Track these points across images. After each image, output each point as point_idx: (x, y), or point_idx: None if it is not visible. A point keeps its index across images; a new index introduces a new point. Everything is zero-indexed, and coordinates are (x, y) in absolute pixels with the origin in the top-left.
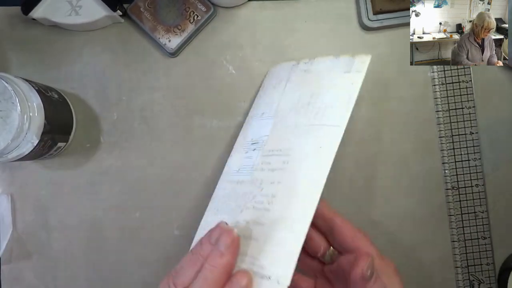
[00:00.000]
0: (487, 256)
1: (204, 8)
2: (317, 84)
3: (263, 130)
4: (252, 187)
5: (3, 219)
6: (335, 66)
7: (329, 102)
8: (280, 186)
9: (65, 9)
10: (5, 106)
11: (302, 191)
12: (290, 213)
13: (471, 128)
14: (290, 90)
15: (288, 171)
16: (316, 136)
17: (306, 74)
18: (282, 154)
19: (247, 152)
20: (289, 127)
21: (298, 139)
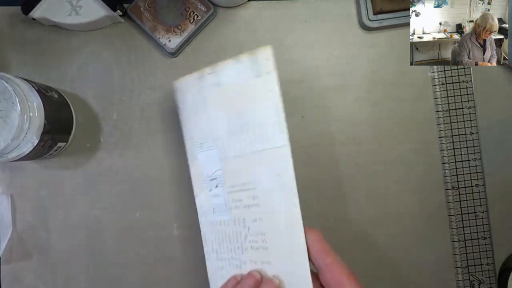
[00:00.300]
0: (487, 256)
1: (204, 8)
2: (238, 102)
3: (213, 164)
4: (238, 227)
5: (3, 219)
6: (242, 72)
7: (260, 120)
8: (263, 223)
9: (65, 9)
10: (5, 106)
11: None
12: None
13: (471, 128)
14: (215, 115)
15: (263, 207)
16: (268, 163)
17: (220, 91)
18: (247, 188)
19: (211, 190)
20: (237, 157)
21: (253, 170)
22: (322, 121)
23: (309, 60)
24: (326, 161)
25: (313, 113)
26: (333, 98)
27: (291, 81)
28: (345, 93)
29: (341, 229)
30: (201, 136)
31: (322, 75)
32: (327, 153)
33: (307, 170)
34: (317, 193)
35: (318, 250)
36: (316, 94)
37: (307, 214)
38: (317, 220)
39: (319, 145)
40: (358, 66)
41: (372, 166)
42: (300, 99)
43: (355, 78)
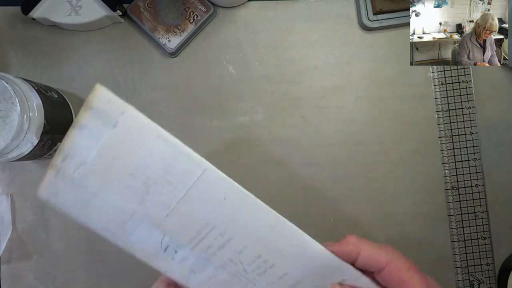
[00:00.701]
0: (487, 256)
1: (204, 8)
2: (119, 165)
3: (152, 237)
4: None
5: (3, 219)
6: (95, 135)
7: (159, 164)
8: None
9: (65, 9)
10: (5, 106)
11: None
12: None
13: (471, 128)
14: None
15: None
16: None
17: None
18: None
19: (173, 258)
20: (170, 214)
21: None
22: (322, 121)
23: (309, 60)
24: (326, 161)
25: (313, 113)
26: (333, 98)
27: (291, 81)
28: (345, 93)
29: (341, 229)
30: (115, 222)
31: (322, 75)
32: (327, 153)
33: (307, 170)
34: (317, 193)
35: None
36: (316, 94)
37: (307, 214)
38: (317, 220)
39: (319, 145)
40: (358, 66)
41: (372, 166)
42: (300, 99)
43: (355, 78)
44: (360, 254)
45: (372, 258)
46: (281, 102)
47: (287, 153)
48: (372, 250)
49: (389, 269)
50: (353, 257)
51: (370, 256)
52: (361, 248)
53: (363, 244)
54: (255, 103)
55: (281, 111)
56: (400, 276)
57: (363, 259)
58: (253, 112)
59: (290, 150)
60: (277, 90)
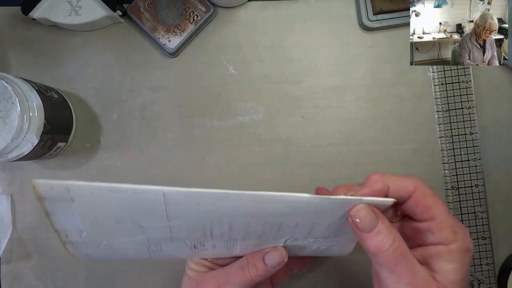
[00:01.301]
0: (487, 256)
1: (204, 8)
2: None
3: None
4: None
5: (3, 219)
6: None
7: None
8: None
9: (65, 9)
10: (5, 106)
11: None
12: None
13: (471, 128)
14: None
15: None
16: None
17: None
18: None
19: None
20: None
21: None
22: (322, 121)
23: (309, 60)
24: (326, 161)
25: (313, 113)
26: (333, 98)
27: (291, 81)
28: (345, 93)
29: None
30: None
31: (322, 75)
32: (327, 153)
33: (307, 170)
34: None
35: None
36: (316, 94)
37: None
38: None
39: (319, 145)
40: (358, 66)
41: (372, 166)
42: (300, 99)
43: (355, 78)
44: (389, 188)
45: (401, 187)
46: (281, 102)
47: (287, 153)
48: (400, 181)
49: (416, 195)
50: (384, 193)
51: (400, 186)
52: (389, 182)
53: (389, 177)
54: (255, 103)
55: (281, 111)
56: (426, 201)
57: (393, 191)
58: (253, 112)
59: (290, 150)
60: (277, 90)
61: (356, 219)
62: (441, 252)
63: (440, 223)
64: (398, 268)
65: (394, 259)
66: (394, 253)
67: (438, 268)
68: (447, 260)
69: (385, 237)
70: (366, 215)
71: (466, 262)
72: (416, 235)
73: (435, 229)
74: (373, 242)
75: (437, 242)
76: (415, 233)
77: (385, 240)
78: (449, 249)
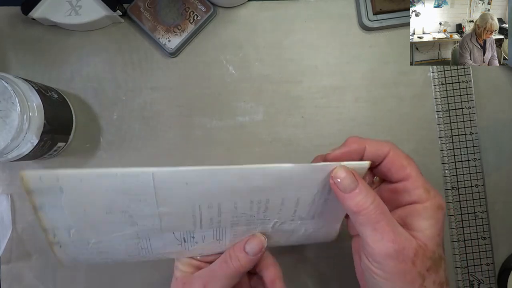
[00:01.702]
0: (487, 256)
1: (204, 8)
2: None
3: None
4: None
5: (3, 219)
6: None
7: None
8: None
9: (65, 9)
10: (5, 106)
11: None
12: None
13: (471, 128)
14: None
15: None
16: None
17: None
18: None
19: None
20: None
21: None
22: (322, 121)
23: (309, 60)
24: None
25: (313, 113)
26: (333, 98)
27: (291, 81)
28: (345, 93)
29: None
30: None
31: (322, 75)
32: None
33: None
34: None
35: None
36: (316, 94)
37: None
38: None
39: (319, 145)
40: (358, 66)
41: None
42: (300, 99)
43: (355, 78)
44: (365, 149)
45: (377, 149)
46: (281, 102)
47: (287, 153)
48: (375, 143)
49: (391, 156)
50: (361, 153)
51: (376, 147)
52: (365, 144)
53: (366, 140)
54: (255, 103)
55: (281, 111)
56: (400, 161)
57: (370, 152)
58: (253, 112)
59: (290, 150)
60: (277, 90)
61: (337, 179)
62: (418, 210)
63: (415, 182)
64: (380, 225)
65: (375, 216)
66: (375, 210)
67: (416, 225)
68: (422, 217)
69: (365, 196)
70: (346, 175)
71: (440, 218)
72: (393, 198)
73: (410, 187)
74: (355, 201)
75: (412, 201)
76: (392, 195)
77: (366, 198)
78: (424, 207)
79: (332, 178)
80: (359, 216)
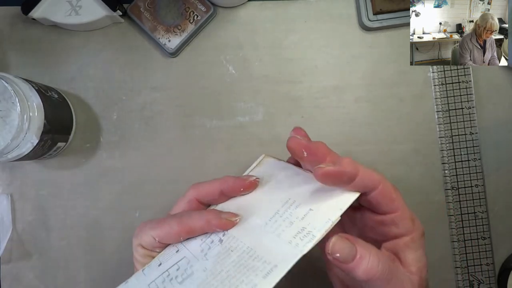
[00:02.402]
0: (486, 256)
1: (204, 8)
2: None
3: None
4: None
5: (3, 219)
6: None
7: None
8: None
9: (65, 9)
10: (5, 106)
11: None
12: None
13: (471, 128)
14: None
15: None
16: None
17: None
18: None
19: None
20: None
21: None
22: (322, 121)
23: (309, 60)
24: None
25: (313, 113)
26: (333, 98)
27: (291, 81)
28: (345, 93)
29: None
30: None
31: (322, 75)
32: None
33: None
34: None
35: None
36: (316, 94)
37: None
38: None
39: None
40: (358, 66)
41: (372, 166)
42: (300, 99)
43: (355, 78)
44: (359, 175)
45: (369, 178)
46: (281, 102)
47: (287, 153)
48: (368, 172)
49: (381, 188)
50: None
51: (368, 176)
52: (359, 170)
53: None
54: (255, 103)
55: (281, 111)
56: (390, 194)
57: (361, 180)
58: (253, 112)
59: None
60: (277, 90)
61: (336, 254)
62: (406, 243)
63: (402, 214)
64: (391, 284)
65: (386, 277)
66: (383, 272)
67: (408, 259)
68: (412, 249)
69: (369, 258)
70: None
71: (424, 245)
72: (380, 229)
73: (397, 220)
74: (361, 268)
75: (400, 234)
76: (378, 227)
77: (371, 260)
78: (412, 238)
79: (330, 254)
80: (369, 282)
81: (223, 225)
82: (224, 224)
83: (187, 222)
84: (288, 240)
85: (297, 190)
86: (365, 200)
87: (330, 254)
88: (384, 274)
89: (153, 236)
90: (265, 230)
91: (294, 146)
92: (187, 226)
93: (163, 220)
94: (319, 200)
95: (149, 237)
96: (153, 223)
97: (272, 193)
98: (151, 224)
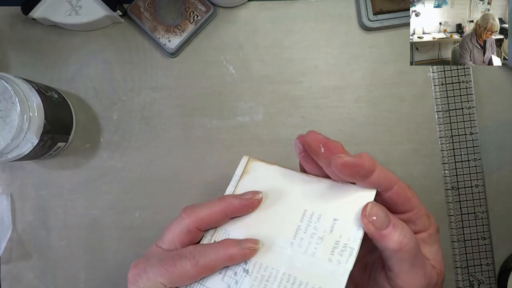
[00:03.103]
0: (487, 256)
1: (204, 8)
2: None
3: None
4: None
5: (3, 219)
6: None
7: None
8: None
9: (65, 9)
10: (5, 106)
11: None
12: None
13: (471, 128)
14: None
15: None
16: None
17: None
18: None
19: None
20: None
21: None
22: (322, 121)
23: (309, 60)
24: None
25: (313, 113)
26: (333, 98)
27: (291, 81)
28: (345, 93)
29: None
30: None
31: (322, 75)
32: None
33: None
34: None
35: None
36: (316, 94)
37: None
38: None
39: None
40: (358, 66)
41: None
42: (300, 99)
43: (355, 78)
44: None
45: (385, 175)
46: (281, 102)
47: (287, 153)
48: (385, 171)
49: (397, 188)
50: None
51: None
52: (376, 167)
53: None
54: (255, 103)
55: (281, 111)
56: (406, 193)
57: (377, 178)
58: (253, 112)
59: (290, 150)
60: (277, 90)
61: (372, 217)
62: (424, 238)
63: (418, 212)
64: (417, 260)
65: (415, 251)
66: (415, 244)
67: (427, 253)
68: (430, 244)
69: (402, 229)
70: (379, 211)
71: (439, 240)
72: None
73: (414, 218)
74: (395, 236)
75: (418, 230)
76: None
77: (405, 231)
78: (429, 234)
79: (366, 217)
80: (399, 253)
81: (247, 255)
82: (248, 254)
83: (204, 262)
84: (326, 258)
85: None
86: (381, 200)
87: (367, 216)
88: (414, 248)
89: (162, 283)
90: (294, 251)
91: (313, 140)
92: (204, 265)
93: (172, 263)
94: (338, 206)
95: (156, 285)
96: (159, 267)
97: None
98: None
